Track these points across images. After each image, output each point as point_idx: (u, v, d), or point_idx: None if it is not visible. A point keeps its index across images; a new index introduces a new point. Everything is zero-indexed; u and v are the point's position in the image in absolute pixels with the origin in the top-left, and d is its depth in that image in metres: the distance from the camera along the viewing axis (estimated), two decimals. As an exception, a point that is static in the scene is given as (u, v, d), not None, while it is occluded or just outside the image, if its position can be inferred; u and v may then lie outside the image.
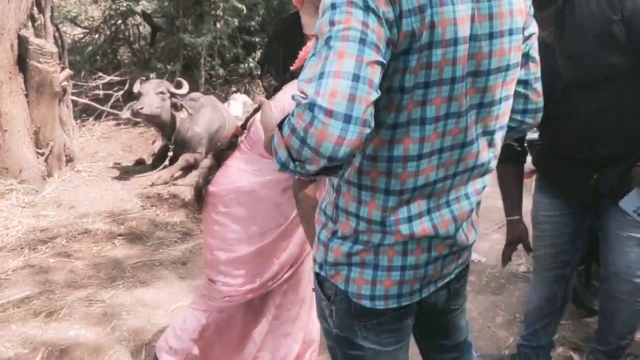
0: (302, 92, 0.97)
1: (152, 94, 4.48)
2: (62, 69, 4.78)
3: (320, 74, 0.96)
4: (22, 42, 4.28)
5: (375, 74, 0.96)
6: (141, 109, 4.40)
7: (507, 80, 1.18)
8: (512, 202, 2.05)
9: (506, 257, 2.12)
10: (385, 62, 0.99)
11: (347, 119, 0.93)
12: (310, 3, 2.47)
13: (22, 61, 4.31)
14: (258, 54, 6.84)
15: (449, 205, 1.22)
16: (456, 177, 1.21)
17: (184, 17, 6.41)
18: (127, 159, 5.24)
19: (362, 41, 0.96)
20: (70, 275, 3.23)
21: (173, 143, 4.75)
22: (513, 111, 1.30)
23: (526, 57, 1.26)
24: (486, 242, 3.55)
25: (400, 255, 1.20)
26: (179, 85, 4.70)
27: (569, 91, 1.73)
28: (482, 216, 4.01)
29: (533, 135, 2.13)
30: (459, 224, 1.23)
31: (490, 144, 1.23)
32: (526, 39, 1.24)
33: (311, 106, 0.94)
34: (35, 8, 4.56)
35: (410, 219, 1.18)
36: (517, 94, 1.28)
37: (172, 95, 4.61)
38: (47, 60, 4.36)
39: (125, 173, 4.85)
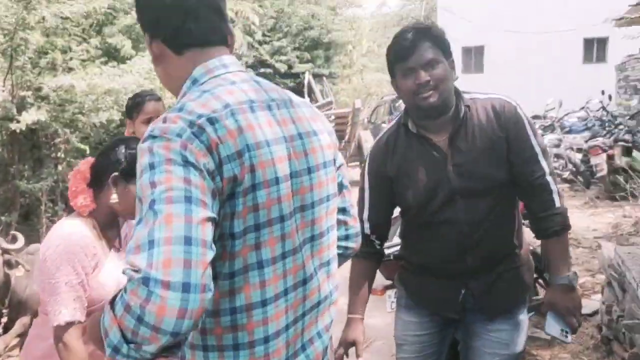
0: (132, 265, 0.89)
1: None
2: None
3: (149, 242, 0.90)
4: None
5: (207, 232, 0.94)
6: None
7: (329, 210, 1.24)
8: (358, 299, 1.94)
9: (340, 357, 1.96)
10: (214, 215, 0.97)
11: (186, 287, 0.88)
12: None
13: None
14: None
15: (304, 349, 1.18)
16: (305, 317, 1.17)
17: (19, 163, 5.97)
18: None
19: (188, 199, 0.93)
20: None
21: (7, 307, 4.15)
22: (337, 239, 1.33)
23: (340, 186, 1.34)
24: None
25: None
26: (13, 240, 4.21)
27: (453, 197, 1.77)
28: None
29: (390, 250, 2.13)
30: None
31: (329, 276, 1.24)
32: (337, 169, 1.32)
33: (145, 280, 0.87)
34: None
35: None
36: (337, 222, 1.34)
37: (4, 251, 4.10)
38: None
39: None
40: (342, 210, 1.36)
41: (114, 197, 1.66)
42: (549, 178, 1.75)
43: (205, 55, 1.14)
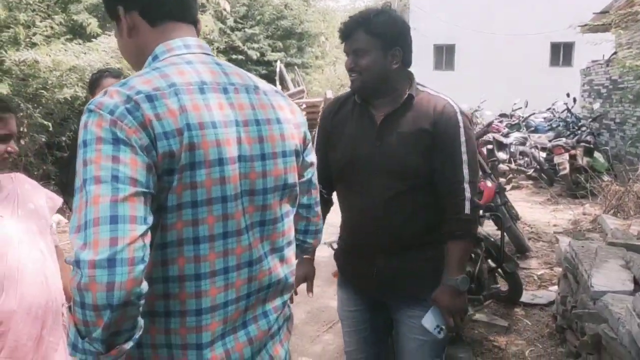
0: (74, 245, 0.96)
1: None
2: None
3: (84, 223, 0.95)
4: None
5: (136, 208, 0.96)
6: None
7: (285, 198, 1.24)
8: None
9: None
10: (147, 190, 0.99)
11: (111, 263, 0.93)
12: None
13: None
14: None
15: (245, 326, 1.18)
16: (251, 297, 1.18)
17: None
18: None
19: (115, 178, 0.96)
20: None
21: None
22: (295, 231, 1.34)
23: (308, 183, 1.36)
24: (318, 345, 3.48)
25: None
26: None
27: (373, 170, 1.88)
28: (312, 318, 3.96)
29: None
30: (256, 346, 1.18)
31: (282, 260, 1.25)
32: (308, 166, 1.34)
33: (77, 263, 0.93)
34: None
35: (199, 346, 1.09)
36: (299, 216, 1.38)
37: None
38: None
39: None
40: (307, 207, 1.39)
41: None
42: (465, 185, 1.82)
43: (178, 31, 1.17)
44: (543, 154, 8.60)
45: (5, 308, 1.70)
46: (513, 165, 8.76)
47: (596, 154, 8.10)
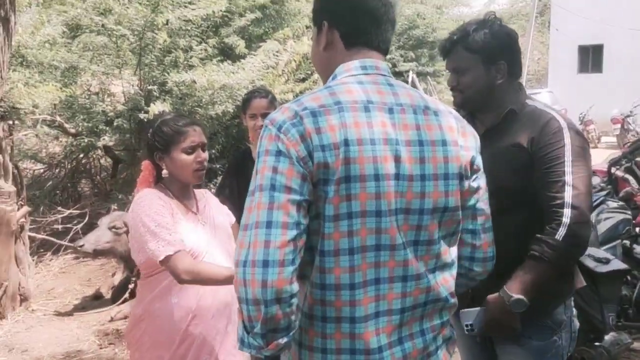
0: (238, 242, 1.14)
1: (104, 229, 4.47)
2: (20, 206, 4.76)
3: (247, 225, 1.12)
4: (-20, 183, 4.29)
5: (289, 214, 1.09)
6: (81, 246, 4.37)
7: (444, 220, 1.24)
8: None
9: None
10: (301, 197, 1.11)
11: (265, 264, 1.07)
12: (254, 138, 2.80)
13: (-21, 202, 4.29)
14: (219, 179, 6.98)
15: (401, 342, 1.22)
16: (405, 313, 1.21)
17: (144, 149, 6.58)
18: (86, 294, 5.09)
19: (272, 187, 1.11)
20: None
21: (135, 274, 4.65)
22: (461, 257, 1.34)
23: (473, 209, 1.32)
24: None
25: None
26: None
27: None
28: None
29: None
30: None
31: (440, 280, 1.25)
32: (474, 191, 1.30)
33: (240, 264, 1.10)
34: (-5, 149, 4.63)
35: (353, 352, 1.17)
36: (464, 242, 1.34)
37: (126, 225, 4.60)
38: (4, 200, 4.35)
39: (82, 309, 4.68)
40: (472, 233, 1.34)
41: (165, 172, 2.03)
42: (566, 210, 1.65)
43: (366, 56, 1.27)
44: None
45: (202, 303, 1.93)
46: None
47: None
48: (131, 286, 4.62)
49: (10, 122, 5.00)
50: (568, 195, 1.66)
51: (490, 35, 1.77)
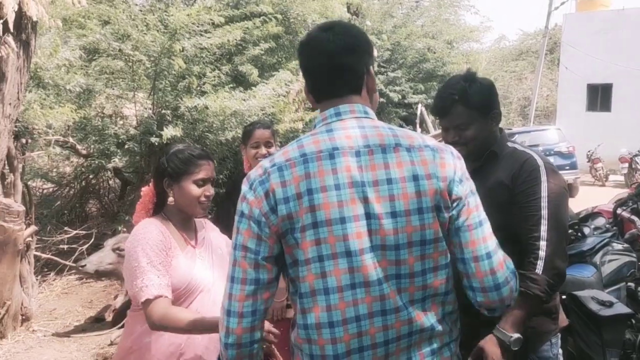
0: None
1: (108, 250, 4.48)
2: (28, 225, 4.80)
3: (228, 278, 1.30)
4: (-10, 201, 4.33)
5: (246, 272, 1.24)
6: (83, 266, 4.38)
7: (428, 253, 1.26)
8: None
9: None
10: (256, 256, 1.25)
11: (228, 313, 1.27)
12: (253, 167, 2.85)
13: (-13, 220, 4.32)
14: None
15: None
16: (390, 345, 1.25)
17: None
18: (87, 315, 5.08)
19: (235, 246, 1.27)
20: None
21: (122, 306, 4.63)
22: (465, 287, 1.36)
23: (458, 237, 1.31)
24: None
25: None
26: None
27: None
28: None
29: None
30: None
31: (427, 310, 1.28)
32: (455, 220, 1.30)
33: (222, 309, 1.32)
34: (6, 167, 4.70)
35: None
36: (460, 272, 1.34)
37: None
38: (13, 219, 4.39)
39: (82, 331, 4.68)
40: (462, 262, 1.32)
41: (171, 199, 2.01)
42: (541, 243, 1.73)
43: (332, 104, 1.35)
44: None
45: (191, 340, 1.91)
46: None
47: None
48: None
49: (24, 142, 5.08)
50: (544, 229, 1.75)
51: (482, 89, 1.90)
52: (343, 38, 1.33)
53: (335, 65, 1.33)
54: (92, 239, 6.07)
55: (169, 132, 5.69)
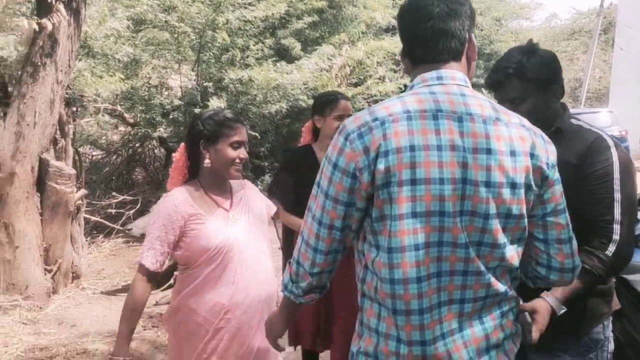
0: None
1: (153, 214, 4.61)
2: (78, 188, 5.00)
3: (309, 209, 1.35)
4: (43, 164, 4.52)
5: (333, 220, 1.29)
6: (129, 229, 4.52)
7: (509, 226, 1.28)
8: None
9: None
10: (347, 208, 1.28)
11: (314, 250, 1.34)
12: (324, 139, 2.80)
13: (40, 181, 4.52)
14: (266, 177, 7.13)
15: (461, 329, 1.29)
16: (466, 304, 1.28)
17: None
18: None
19: (326, 194, 1.29)
20: (64, 398, 3.16)
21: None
22: (538, 263, 1.39)
23: (542, 219, 1.34)
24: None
25: None
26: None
27: None
28: None
29: None
30: (472, 350, 1.28)
31: (498, 277, 1.31)
32: (543, 203, 1.33)
33: (300, 237, 1.38)
34: (58, 132, 4.89)
35: (424, 343, 1.27)
36: (539, 250, 1.37)
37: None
38: (64, 181, 4.58)
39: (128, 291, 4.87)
40: (544, 242, 1.37)
41: (207, 162, 2.01)
42: (615, 226, 1.69)
43: (432, 68, 1.34)
44: None
45: (235, 299, 1.98)
46: None
47: None
48: (176, 273, 4.78)
49: (74, 109, 5.28)
50: (617, 212, 1.70)
51: (541, 63, 1.81)
52: (447, 3, 1.33)
53: (439, 29, 1.33)
54: (138, 205, 6.28)
55: (213, 103, 5.79)
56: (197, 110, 5.96)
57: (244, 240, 2.02)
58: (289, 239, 2.82)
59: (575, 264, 1.39)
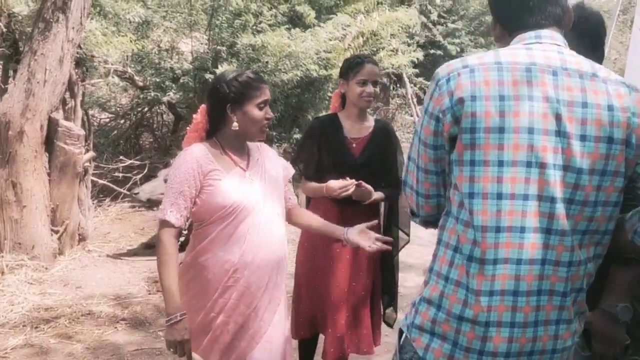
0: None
1: (160, 180, 4.61)
2: (87, 150, 4.96)
3: (409, 154, 1.41)
4: (52, 123, 4.47)
5: (427, 163, 1.33)
6: (136, 194, 4.53)
7: (603, 185, 1.24)
8: None
9: None
10: (436, 151, 1.31)
11: (417, 193, 1.40)
12: (349, 106, 2.71)
13: (49, 141, 4.49)
14: (274, 147, 7.05)
15: (539, 294, 1.24)
16: (547, 266, 1.23)
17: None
18: (139, 241, 5.29)
19: (419, 139, 1.35)
20: (69, 359, 3.17)
21: (187, 228, 4.78)
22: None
23: None
24: None
25: (480, 340, 1.23)
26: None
27: None
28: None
29: None
30: (541, 314, 1.24)
31: (582, 245, 1.26)
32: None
33: (404, 177, 1.46)
34: (67, 93, 4.82)
35: (491, 293, 1.23)
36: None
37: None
38: (73, 142, 4.54)
39: (134, 255, 4.87)
40: None
41: (235, 125, 1.99)
42: None
43: (530, 33, 1.33)
44: None
45: (244, 258, 1.97)
46: None
47: None
48: (182, 239, 4.77)
49: (84, 69, 5.19)
50: None
51: (600, 23, 1.81)
52: None
53: None
54: (145, 170, 6.24)
55: (223, 69, 5.68)
56: (207, 76, 5.86)
57: (258, 200, 2.01)
58: (312, 206, 2.77)
59: None
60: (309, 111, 7.66)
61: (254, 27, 6.72)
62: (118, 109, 7.84)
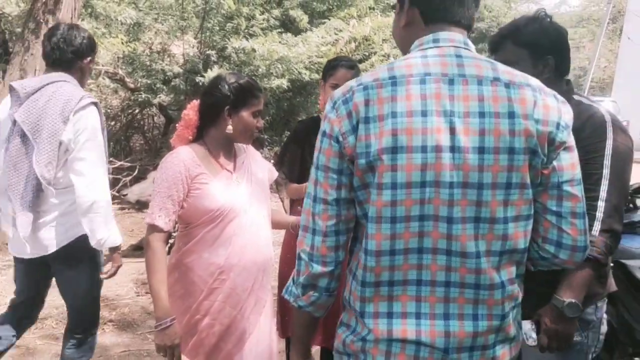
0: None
1: (149, 182, 4.61)
2: (76, 152, 4.93)
3: (307, 196, 1.27)
4: (42, 124, 4.45)
5: (327, 192, 1.21)
6: (125, 195, 4.51)
7: (510, 199, 1.17)
8: None
9: None
10: (339, 175, 1.20)
11: (313, 232, 1.23)
12: None
13: (38, 142, 4.46)
14: (265, 150, 7.07)
15: (447, 318, 1.19)
16: (451, 288, 1.18)
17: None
18: (128, 243, 5.27)
19: (317, 166, 1.23)
20: (55, 360, 3.15)
21: (175, 230, 4.77)
22: (546, 240, 1.25)
23: (557, 189, 1.22)
24: None
25: (384, 357, 1.19)
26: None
27: None
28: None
29: None
30: (454, 342, 1.18)
31: (500, 267, 1.19)
32: (554, 170, 1.21)
33: (300, 232, 1.27)
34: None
35: (390, 315, 1.20)
36: (550, 224, 1.24)
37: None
38: (63, 143, 4.52)
39: (123, 257, 4.83)
40: (557, 215, 1.23)
41: (229, 128, 1.97)
42: (600, 203, 1.66)
43: (443, 31, 1.24)
44: None
45: (230, 260, 1.97)
46: None
47: None
48: (171, 241, 4.76)
49: (75, 70, 5.18)
50: (603, 189, 1.66)
51: (539, 31, 1.76)
52: None
53: None
54: (135, 172, 6.23)
55: (213, 73, 5.70)
56: (198, 79, 5.87)
57: (245, 203, 2.01)
58: (294, 209, 2.78)
59: (587, 244, 1.25)
60: (300, 114, 7.69)
61: (246, 31, 6.74)
62: (109, 110, 7.82)
